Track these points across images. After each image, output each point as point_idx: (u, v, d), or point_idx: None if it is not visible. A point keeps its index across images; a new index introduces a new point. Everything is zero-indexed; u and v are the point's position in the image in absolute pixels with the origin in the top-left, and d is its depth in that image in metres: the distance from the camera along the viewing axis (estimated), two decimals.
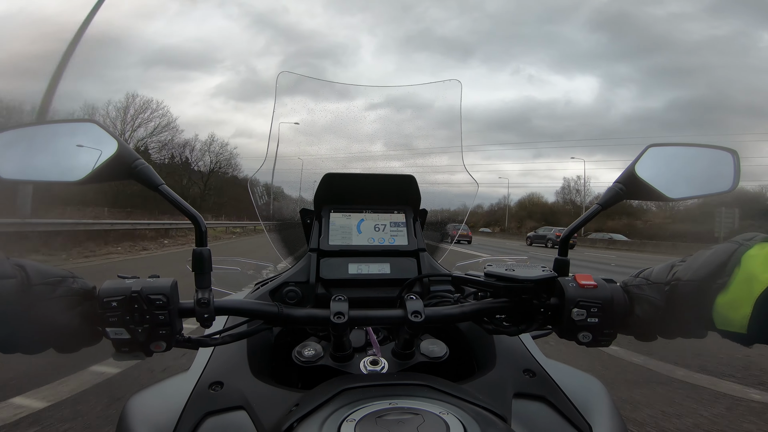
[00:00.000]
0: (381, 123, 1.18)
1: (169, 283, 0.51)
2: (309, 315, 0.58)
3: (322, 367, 0.62)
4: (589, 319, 0.53)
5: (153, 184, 0.55)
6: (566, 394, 0.59)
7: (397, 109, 1.20)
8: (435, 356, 0.63)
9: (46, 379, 2.38)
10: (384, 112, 1.20)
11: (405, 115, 1.20)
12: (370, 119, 1.17)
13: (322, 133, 1.17)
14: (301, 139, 1.16)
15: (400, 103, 1.20)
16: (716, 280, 0.48)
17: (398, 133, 1.18)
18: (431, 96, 1.21)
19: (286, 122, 1.14)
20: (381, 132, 1.17)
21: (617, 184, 0.63)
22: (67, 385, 2.37)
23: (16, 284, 0.45)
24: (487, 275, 0.59)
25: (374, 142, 1.16)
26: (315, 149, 1.15)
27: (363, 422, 0.41)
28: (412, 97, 1.20)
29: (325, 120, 1.16)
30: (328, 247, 0.84)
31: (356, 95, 1.20)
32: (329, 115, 1.16)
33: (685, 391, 2.64)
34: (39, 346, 0.48)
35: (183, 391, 0.56)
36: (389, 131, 1.18)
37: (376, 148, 1.16)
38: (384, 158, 1.15)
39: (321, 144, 1.16)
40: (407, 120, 1.19)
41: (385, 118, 1.20)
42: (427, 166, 1.13)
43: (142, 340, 0.49)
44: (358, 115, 1.16)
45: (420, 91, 1.20)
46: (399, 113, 1.20)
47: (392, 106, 1.20)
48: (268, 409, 0.52)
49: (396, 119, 1.19)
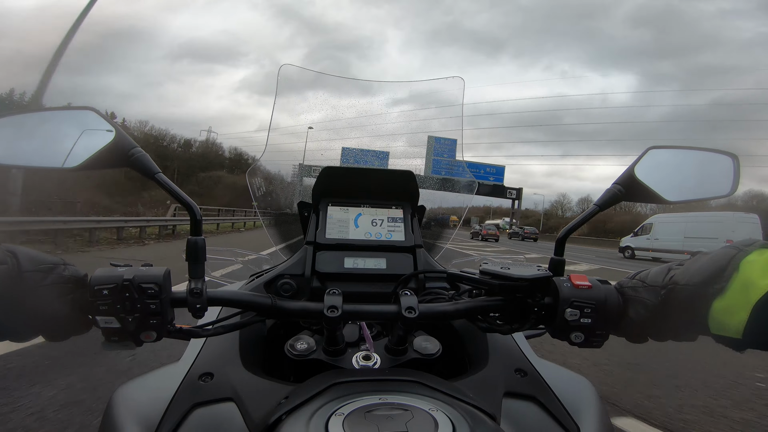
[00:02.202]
0: (382, 118, 1.18)
1: (161, 272, 0.50)
2: (302, 308, 0.57)
3: (315, 361, 0.62)
4: (582, 319, 0.53)
5: (150, 172, 0.54)
6: (556, 394, 0.59)
7: (400, 104, 1.20)
8: (428, 353, 0.63)
9: None
10: (386, 107, 1.20)
11: (407, 111, 1.20)
12: (372, 114, 1.17)
13: (323, 127, 1.17)
14: (302, 132, 1.16)
15: (403, 98, 1.19)
16: (713, 285, 0.47)
17: (399, 128, 1.18)
18: (435, 92, 1.20)
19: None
20: (382, 127, 1.16)
21: (616, 185, 0.62)
22: None
23: (6, 270, 0.45)
24: (482, 273, 0.59)
25: (375, 136, 1.16)
26: (315, 143, 1.15)
27: (351, 416, 0.41)
28: (414, 93, 1.20)
29: (327, 113, 1.16)
30: (325, 241, 0.84)
31: (359, 89, 1.19)
32: (331, 109, 1.16)
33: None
34: (28, 333, 0.47)
35: (172, 382, 0.56)
36: (391, 126, 1.17)
37: (376, 142, 1.16)
38: (383, 153, 1.14)
39: (321, 137, 1.15)
40: (410, 115, 1.19)
41: (387, 113, 1.19)
42: (426, 162, 1.13)
43: (132, 329, 0.49)
44: (360, 109, 1.16)
45: (423, 87, 1.19)
46: (402, 109, 1.20)
47: (395, 101, 1.20)
48: (257, 401, 0.52)
49: (398, 114, 1.19)
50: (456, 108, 1.11)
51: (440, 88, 1.19)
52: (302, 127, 1.18)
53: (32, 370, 2.40)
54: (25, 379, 2.28)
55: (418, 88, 1.21)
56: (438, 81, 1.19)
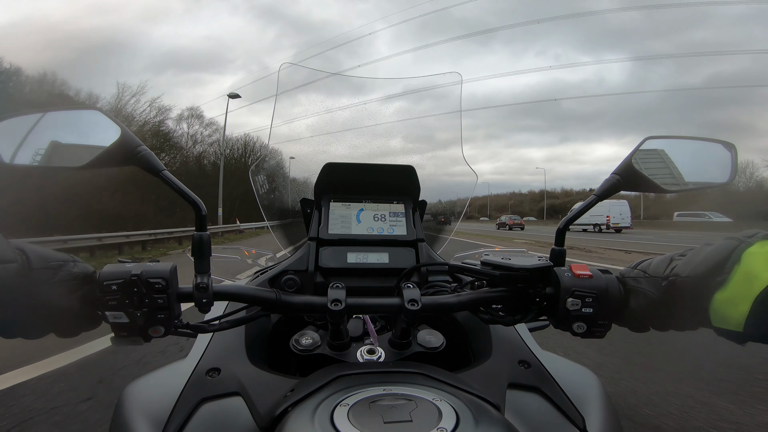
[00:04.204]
0: (382, 114, 1.18)
1: (168, 268, 0.51)
2: (306, 302, 0.58)
3: (319, 356, 0.62)
4: (584, 309, 0.54)
5: (155, 169, 0.55)
6: (560, 386, 0.59)
7: (398, 100, 1.20)
8: (431, 346, 0.64)
9: None
10: (385, 103, 1.20)
11: (406, 107, 1.20)
12: (372, 110, 1.18)
13: (323, 124, 1.18)
14: (303, 129, 1.16)
15: (401, 94, 1.20)
16: (715, 277, 0.47)
17: (399, 124, 1.18)
18: (432, 88, 1.21)
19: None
20: (381, 123, 1.17)
21: (614, 175, 0.63)
22: None
23: (16, 268, 0.45)
24: (484, 264, 0.59)
25: (375, 132, 1.16)
26: (316, 140, 1.16)
27: (356, 407, 0.41)
28: (413, 89, 1.20)
29: (328, 110, 1.16)
30: (328, 236, 0.84)
31: (357, 86, 1.20)
32: (331, 106, 1.17)
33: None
34: (39, 330, 0.48)
35: (180, 378, 0.57)
36: (390, 122, 1.18)
37: (376, 138, 1.16)
38: (384, 148, 1.15)
39: (322, 134, 1.16)
40: (408, 111, 1.19)
41: (387, 109, 1.20)
42: (426, 157, 1.13)
43: (141, 324, 0.50)
44: (360, 105, 1.17)
45: (420, 83, 1.20)
46: (400, 105, 1.20)
47: (393, 97, 1.20)
48: (264, 395, 0.53)
49: (397, 110, 1.20)
50: (454, 103, 1.11)
51: (438, 83, 1.20)
52: (303, 126, 1.19)
53: None
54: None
55: (415, 83, 1.22)
56: (436, 76, 1.20)
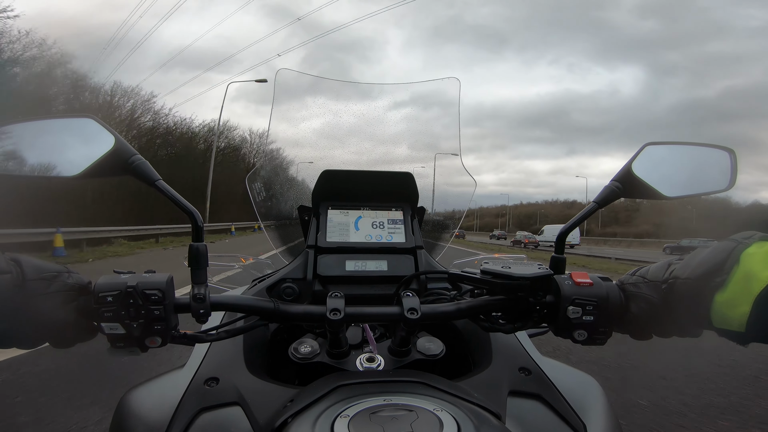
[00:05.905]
0: (380, 120, 1.18)
1: (164, 279, 0.51)
2: (305, 311, 0.58)
3: (318, 364, 0.62)
4: (585, 317, 0.53)
5: (150, 179, 0.54)
6: (561, 393, 0.59)
7: (397, 106, 1.20)
8: (431, 354, 0.63)
9: None
10: (383, 109, 1.20)
11: (405, 113, 1.20)
12: (370, 116, 1.18)
13: (321, 130, 1.18)
14: (300, 136, 1.16)
15: (400, 100, 1.20)
16: (714, 279, 0.47)
17: (397, 130, 1.18)
18: (431, 94, 1.21)
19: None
20: (379, 129, 1.17)
21: (614, 182, 0.62)
22: None
23: (11, 279, 0.45)
24: (484, 272, 0.59)
25: (373, 138, 1.16)
26: (313, 146, 1.15)
27: (357, 418, 0.41)
28: (411, 95, 1.20)
29: (325, 117, 1.16)
30: (326, 244, 0.84)
31: (355, 92, 1.20)
32: (329, 113, 1.17)
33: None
34: (34, 340, 0.48)
35: (178, 387, 0.56)
36: (388, 128, 1.18)
37: (374, 145, 1.16)
38: (382, 155, 1.15)
39: (320, 141, 1.16)
40: (405, 116, 1.19)
41: (385, 116, 1.20)
42: (425, 164, 1.13)
43: (137, 335, 0.49)
44: (358, 112, 1.17)
45: (419, 88, 1.20)
46: (398, 111, 1.20)
47: (392, 103, 1.20)
48: (263, 404, 0.53)
49: (396, 117, 1.19)
50: (453, 108, 1.11)
51: (437, 89, 1.20)
52: (299, 132, 1.18)
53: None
54: None
55: (414, 89, 1.22)
56: (434, 82, 1.20)
